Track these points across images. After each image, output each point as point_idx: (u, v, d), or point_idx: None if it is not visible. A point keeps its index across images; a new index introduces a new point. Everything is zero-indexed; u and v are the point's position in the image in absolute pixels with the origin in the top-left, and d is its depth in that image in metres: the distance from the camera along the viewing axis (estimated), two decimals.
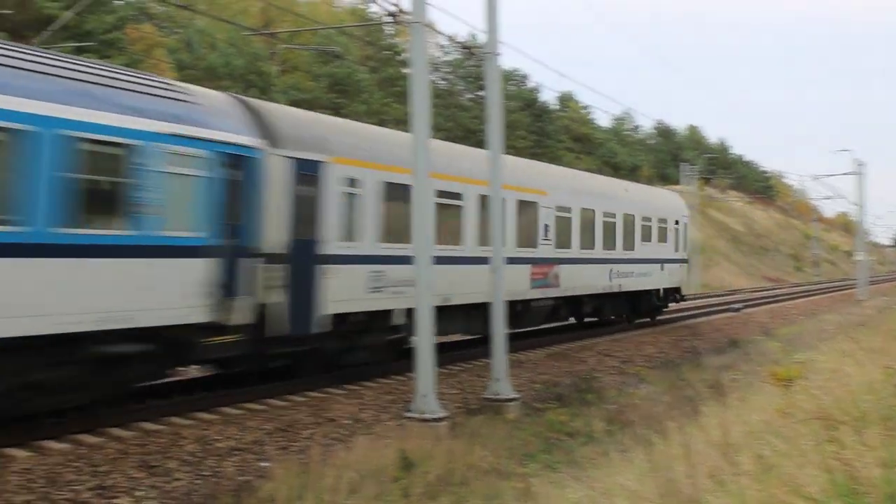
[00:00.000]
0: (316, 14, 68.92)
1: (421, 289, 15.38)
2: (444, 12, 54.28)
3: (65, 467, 11.79)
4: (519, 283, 23.14)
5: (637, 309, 32.30)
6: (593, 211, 27.75)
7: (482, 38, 18.64)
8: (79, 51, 34.54)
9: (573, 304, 27.19)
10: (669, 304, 35.23)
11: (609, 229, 28.78)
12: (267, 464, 12.34)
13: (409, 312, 18.18)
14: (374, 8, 72.73)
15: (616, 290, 29.12)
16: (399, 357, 19.51)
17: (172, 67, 54.62)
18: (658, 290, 33.42)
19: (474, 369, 20.88)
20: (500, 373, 17.49)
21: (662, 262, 33.03)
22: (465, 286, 20.64)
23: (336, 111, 48.35)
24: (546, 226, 24.86)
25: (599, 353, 25.81)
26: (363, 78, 72.89)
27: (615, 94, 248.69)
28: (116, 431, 13.65)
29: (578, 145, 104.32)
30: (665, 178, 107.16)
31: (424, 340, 15.14)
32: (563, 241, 25.80)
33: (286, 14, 59.68)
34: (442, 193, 20.10)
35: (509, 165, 22.14)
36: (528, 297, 23.88)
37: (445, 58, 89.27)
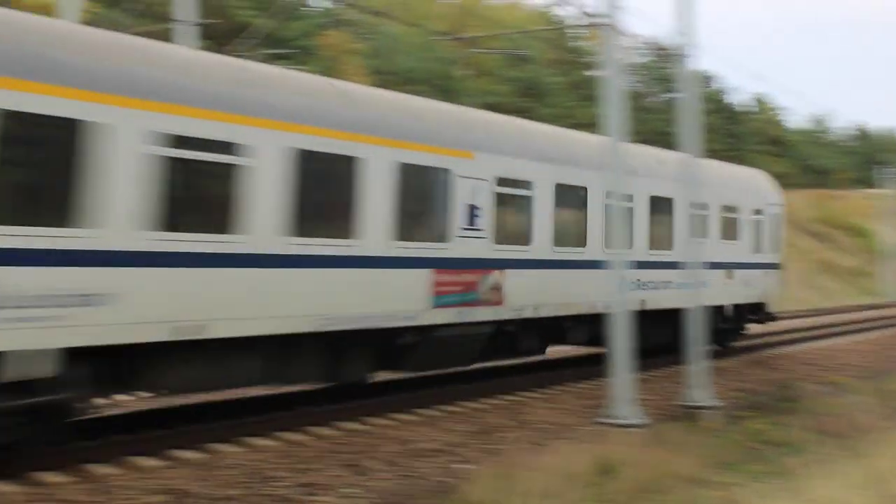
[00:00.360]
0: (504, 18, 69.37)
1: (616, 295, 15.37)
2: (637, 15, 53.76)
3: (270, 464, 12.12)
4: (398, 299, 14.94)
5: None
6: (585, 189, 18.88)
7: (673, 40, 18.28)
8: (276, 58, 35.63)
9: (547, 328, 18.37)
10: (748, 327, 26.19)
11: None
12: (466, 466, 12.43)
13: (93, 359, 10.88)
14: (559, 11, 72.51)
15: (636, 307, 18.22)
16: (87, 434, 12.12)
17: (366, 72, 55.81)
18: (722, 307, 23.99)
19: (672, 376, 20.53)
20: (699, 380, 17.18)
21: (730, 267, 24.17)
22: (261, 307, 12.71)
23: (524, 114, 48.29)
24: (473, 207, 16.28)
25: (798, 362, 25.15)
26: (552, 81, 72.91)
27: (812, 96, 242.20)
28: (319, 430, 14.03)
29: (773, 148, 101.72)
30: (863, 181, 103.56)
31: (621, 347, 15.04)
32: (511, 234, 17.19)
33: (476, 18, 60.33)
34: (183, 141, 11.69)
35: (385, 104, 15.53)
36: (423, 321, 15.44)
37: (637, 60, 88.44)
